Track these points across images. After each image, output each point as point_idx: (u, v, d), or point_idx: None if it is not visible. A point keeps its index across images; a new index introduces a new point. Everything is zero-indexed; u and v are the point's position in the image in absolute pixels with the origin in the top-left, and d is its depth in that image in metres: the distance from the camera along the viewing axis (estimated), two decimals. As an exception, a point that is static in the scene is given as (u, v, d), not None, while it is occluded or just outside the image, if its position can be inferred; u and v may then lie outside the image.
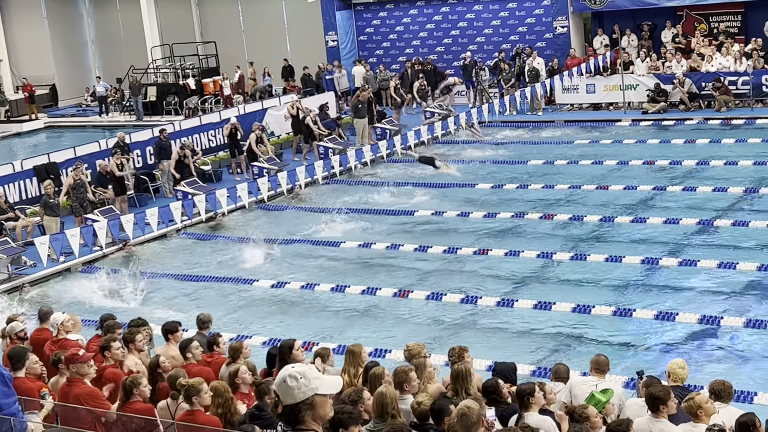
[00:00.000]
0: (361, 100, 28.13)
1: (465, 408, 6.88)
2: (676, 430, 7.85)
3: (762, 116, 26.36)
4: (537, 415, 7.97)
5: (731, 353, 12.83)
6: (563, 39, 32.55)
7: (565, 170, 23.61)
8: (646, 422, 8.04)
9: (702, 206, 19.45)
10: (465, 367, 8.62)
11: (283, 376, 4.56)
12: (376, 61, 35.89)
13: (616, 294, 15.46)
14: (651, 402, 8.11)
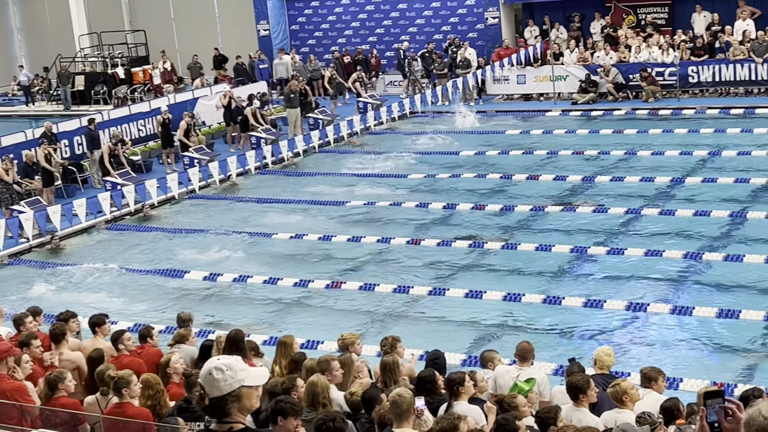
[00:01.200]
0: (292, 90, 28.02)
1: (396, 396, 6.92)
2: (593, 418, 7.96)
3: (688, 107, 26.87)
4: (466, 404, 8.03)
5: (658, 340, 13.07)
6: (494, 30, 32.79)
7: (496, 160, 23.81)
8: (568, 411, 8.15)
9: (630, 195, 19.76)
10: (393, 359, 8.66)
11: (208, 368, 4.54)
12: (309, 51, 35.77)
13: (545, 282, 15.64)
14: (571, 391, 8.23)
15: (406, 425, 6.83)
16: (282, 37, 36.68)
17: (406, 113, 29.34)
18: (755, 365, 12.01)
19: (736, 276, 14.91)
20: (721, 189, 19.43)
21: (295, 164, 25.25)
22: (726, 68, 27.46)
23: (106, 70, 37.64)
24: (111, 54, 38.38)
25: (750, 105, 26.16)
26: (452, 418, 6.96)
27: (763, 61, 26.89)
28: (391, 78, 34.25)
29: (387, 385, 8.34)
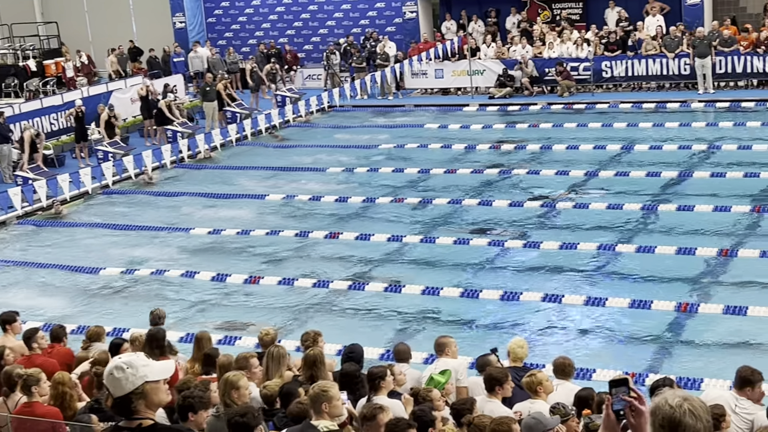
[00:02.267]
0: (208, 83, 27.73)
1: (317, 389, 6.89)
2: (505, 410, 8.05)
3: (602, 101, 27.33)
4: (386, 398, 8.05)
5: (572, 331, 13.26)
6: (412, 24, 32.91)
7: (414, 154, 23.91)
8: (480, 402, 8.22)
9: (545, 188, 20.02)
10: (318, 352, 8.63)
11: (109, 368, 4.47)
12: (226, 44, 35.41)
13: (463, 275, 15.76)
14: (488, 382, 8.31)
15: (321, 418, 6.81)
16: (198, 30, 36.26)
17: (324, 107, 29.28)
18: (666, 355, 12.27)
19: (648, 267, 15.22)
20: (633, 182, 19.80)
21: (211, 158, 24.97)
22: (638, 63, 28.02)
23: (17, 62, 36.69)
24: (22, 46, 37.43)
25: (662, 99, 26.73)
26: (374, 407, 6.98)
27: (674, 57, 27.49)
28: (310, 72, 34.13)
29: (312, 379, 8.30)
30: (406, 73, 30.76)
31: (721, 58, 26.82)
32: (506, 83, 29.12)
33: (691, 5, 29.17)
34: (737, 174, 19.43)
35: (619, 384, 3.81)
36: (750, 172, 19.42)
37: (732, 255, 15.20)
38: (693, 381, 10.89)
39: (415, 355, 11.40)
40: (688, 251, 15.43)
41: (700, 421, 3.36)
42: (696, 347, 12.42)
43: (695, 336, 12.73)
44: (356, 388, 8.27)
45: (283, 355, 8.83)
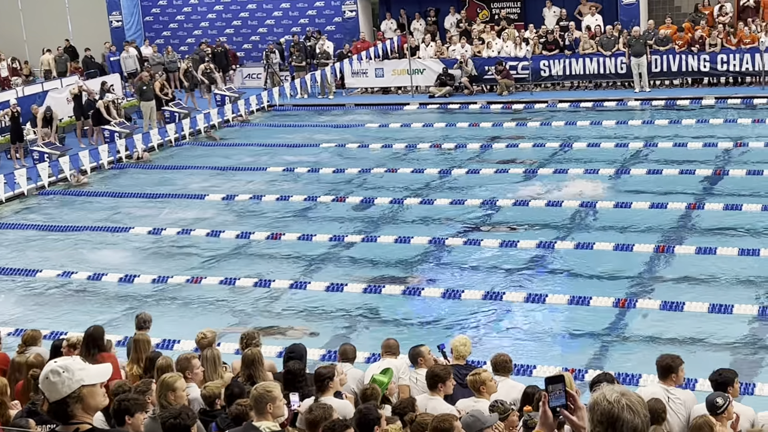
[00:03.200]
0: (144, 82, 27.42)
1: (261, 389, 6.85)
2: (448, 407, 8.10)
3: (540, 100, 27.59)
4: (334, 399, 8.04)
5: (513, 328, 13.37)
6: (352, 23, 32.89)
7: (355, 153, 23.91)
8: (422, 399, 8.26)
9: (486, 187, 20.14)
10: (256, 351, 8.58)
11: (45, 372, 4.40)
12: (164, 43, 35.03)
13: (406, 273, 15.80)
14: (430, 379, 8.34)
15: (263, 419, 6.78)
16: (136, 29, 35.81)
17: (264, 106, 29.14)
18: (605, 350, 12.43)
19: (586, 264, 15.40)
20: (569, 179, 20.01)
21: (145, 159, 24.61)
22: (576, 62, 28.33)
23: (-52, 61, 35.87)
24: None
25: (599, 98, 27.05)
26: (325, 407, 6.98)
27: (611, 55, 27.84)
28: (250, 71, 33.93)
29: (250, 379, 8.25)
30: (347, 72, 30.73)
31: (656, 57, 27.23)
32: (446, 82, 29.24)
33: (626, 5, 29.58)
34: (673, 171, 19.75)
35: (555, 381, 3.84)
36: (685, 170, 19.76)
37: (669, 251, 15.46)
38: (631, 377, 11.05)
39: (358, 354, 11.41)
40: (625, 248, 15.65)
41: (638, 416, 3.40)
42: (634, 343, 12.60)
43: (633, 332, 12.91)
44: (301, 386, 8.24)
45: (218, 357, 8.77)
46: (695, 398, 8.40)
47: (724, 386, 8.14)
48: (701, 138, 22.19)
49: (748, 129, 22.82)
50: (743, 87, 26.68)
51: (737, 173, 19.25)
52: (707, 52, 26.88)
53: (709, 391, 8.15)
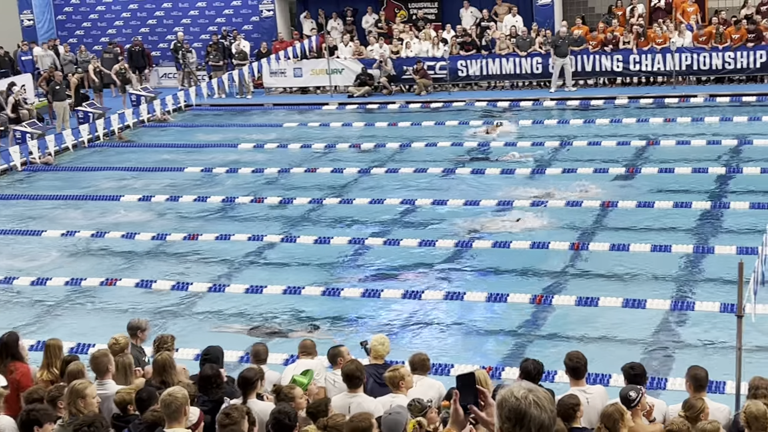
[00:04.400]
0: (58, 82, 26.87)
1: (168, 395, 6.76)
2: (373, 402, 8.13)
3: (458, 99, 27.79)
4: (259, 402, 8.01)
5: (431, 326, 13.42)
6: (269, 22, 32.72)
7: (274, 153, 23.78)
8: (343, 398, 8.28)
9: (405, 187, 20.22)
10: (167, 356, 8.47)
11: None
12: (77, 42, 34.36)
13: (325, 274, 15.76)
14: (349, 379, 8.35)
15: (178, 425, 6.68)
16: (48, 28, 35.06)
17: (181, 106, 28.81)
18: (522, 347, 12.56)
19: (504, 261, 15.56)
20: (489, 179, 20.21)
21: (52, 162, 24.04)
22: (493, 62, 28.62)
23: None
24: None
25: (516, 98, 27.36)
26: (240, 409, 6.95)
27: (526, 56, 28.19)
28: (166, 70, 33.50)
29: (165, 384, 8.13)
30: (265, 71, 30.54)
31: (571, 57, 27.65)
32: (365, 82, 29.28)
33: (542, 5, 29.99)
34: (588, 170, 20.06)
35: (466, 378, 3.87)
36: (600, 168, 20.11)
37: (583, 248, 15.70)
38: (547, 373, 11.16)
39: (275, 356, 11.37)
40: (542, 245, 15.85)
41: (545, 412, 3.44)
42: (550, 338, 12.75)
43: (550, 328, 13.08)
44: (214, 390, 8.16)
45: (129, 364, 8.63)
46: (607, 393, 8.56)
47: (636, 380, 8.31)
48: (615, 137, 22.61)
49: (660, 128, 23.31)
50: (655, 87, 27.27)
51: (649, 171, 19.65)
52: (620, 52, 27.41)
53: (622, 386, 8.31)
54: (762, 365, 11.06)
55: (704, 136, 22.05)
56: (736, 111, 24.15)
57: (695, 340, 12.32)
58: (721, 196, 17.90)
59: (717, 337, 12.19)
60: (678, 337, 12.52)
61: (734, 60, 26.46)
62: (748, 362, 10.74)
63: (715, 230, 16.21)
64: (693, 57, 26.78)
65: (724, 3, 29.09)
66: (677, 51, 26.67)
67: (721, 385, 10.41)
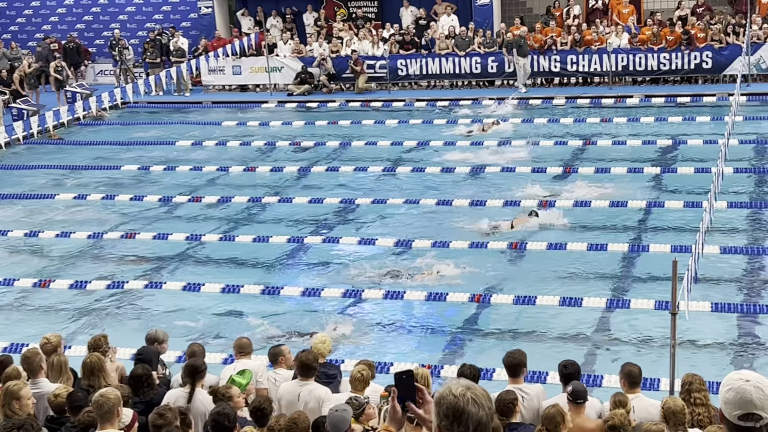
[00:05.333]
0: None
1: (100, 396, 6.66)
2: (323, 389, 8.32)
3: (398, 99, 27.83)
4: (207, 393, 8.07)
5: (371, 325, 13.40)
6: (208, 20, 32.44)
7: (213, 151, 23.59)
8: (294, 385, 8.41)
9: (345, 185, 20.19)
10: (96, 358, 8.35)
11: None
12: (10, 38, 33.72)
13: (264, 273, 15.68)
14: (303, 368, 8.48)
15: (110, 426, 6.58)
16: (-20, 22, 34.37)
17: (117, 103, 28.43)
18: (461, 345, 12.62)
19: (443, 260, 15.61)
20: (427, 177, 20.28)
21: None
22: (432, 62, 28.71)
23: None
24: None
25: (455, 97, 27.49)
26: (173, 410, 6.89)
27: (465, 55, 28.33)
28: (102, 67, 33.03)
29: (93, 387, 8.01)
30: (203, 69, 30.27)
31: (510, 57, 27.83)
32: (305, 80, 29.18)
33: (481, 5, 30.17)
34: (526, 169, 20.22)
35: (403, 376, 3.87)
36: (537, 168, 20.28)
37: (521, 247, 15.81)
38: (486, 371, 11.23)
39: (214, 356, 11.28)
40: (480, 245, 15.93)
41: (483, 409, 3.45)
42: (489, 337, 12.82)
43: (489, 326, 13.16)
44: (145, 391, 8.07)
45: (64, 363, 8.49)
46: (545, 391, 8.65)
47: (570, 377, 8.40)
48: (553, 137, 22.83)
49: (597, 128, 23.58)
50: (592, 87, 27.59)
51: (586, 171, 19.87)
52: (558, 53, 27.69)
53: (557, 384, 8.39)
54: (696, 361, 11.27)
55: (640, 136, 22.38)
56: (670, 111, 24.55)
57: (631, 337, 12.48)
58: (656, 195, 18.17)
59: (652, 335, 12.37)
60: (613, 335, 12.68)
61: (669, 61, 26.90)
62: (687, 358, 10.97)
63: (650, 229, 16.44)
64: (629, 58, 27.15)
65: (659, 5, 29.55)
66: (613, 52, 27.02)
67: (656, 382, 10.58)
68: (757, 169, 19.28)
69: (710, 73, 26.79)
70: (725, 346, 12.16)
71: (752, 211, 16.93)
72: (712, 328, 12.49)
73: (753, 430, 3.59)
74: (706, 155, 19.71)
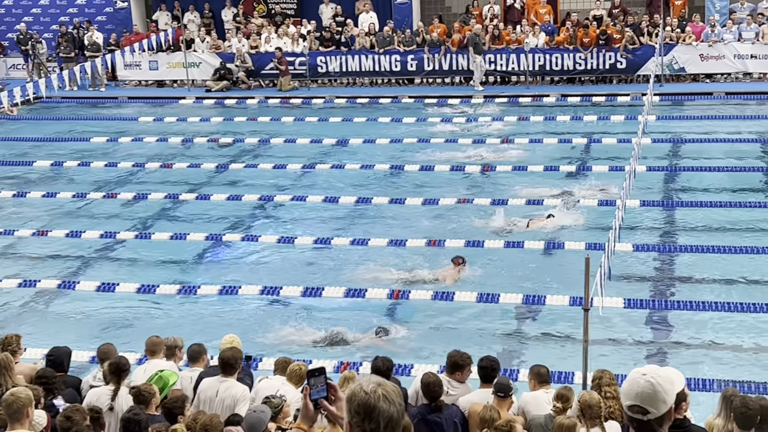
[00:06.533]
0: None
1: (10, 396, 6.50)
2: (241, 388, 8.31)
3: (318, 96, 27.74)
4: None
5: (289, 323, 13.30)
6: (124, 14, 31.91)
7: (129, 148, 23.22)
8: (214, 381, 8.41)
9: (263, 183, 20.07)
10: (3, 357, 8.16)
11: None
12: None
13: (181, 272, 15.49)
14: (224, 365, 8.47)
15: (20, 427, 6.43)
16: None
17: (30, 98, 27.78)
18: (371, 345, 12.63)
19: (358, 258, 15.62)
20: (348, 175, 20.27)
21: None
22: (352, 59, 28.70)
23: None
24: None
25: (375, 95, 27.51)
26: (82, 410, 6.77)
27: (384, 53, 28.38)
28: (14, 60, 32.25)
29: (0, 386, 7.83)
30: (119, 64, 29.77)
31: (429, 56, 27.99)
32: (224, 76, 28.91)
33: (400, 4, 30.26)
34: (444, 168, 20.34)
35: (316, 374, 3.89)
36: (456, 166, 20.41)
37: (439, 245, 15.90)
38: (404, 367, 11.29)
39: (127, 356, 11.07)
40: (398, 243, 15.98)
41: (393, 405, 3.46)
42: (408, 332, 12.85)
43: (407, 322, 13.19)
44: (52, 390, 7.93)
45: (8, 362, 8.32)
46: (469, 386, 8.74)
47: (489, 374, 8.51)
48: (471, 135, 23.01)
49: (515, 127, 23.82)
50: (509, 86, 27.90)
51: (504, 169, 20.08)
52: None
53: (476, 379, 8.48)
54: (609, 357, 11.49)
55: (556, 134, 22.70)
56: (586, 111, 24.95)
57: (546, 332, 12.64)
58: (571, 192, 18.42)
59: (566, 330, 12.55)
60: (529, 331, 12.84)
61: (585, 61, 27.34)
62: (602, 354, 11.18)
63: (565, 226, 16.66)
64: (546, 58, 27.52)
65: (575, 5, 30.02)
66: (531, 52, 27.36)
67: (570, 376, 10.74)
68: (669, 168, 19.72)
69: (625, 74, 27.33)
70: (637, 342, 12.41)
71: (664, 208, 17.30)
72: (624, 324, 12.74)
73: (642, 422, 3.68)
74: (619, 153, 20.09)
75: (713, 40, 26.47)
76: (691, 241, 15.65)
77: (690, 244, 15.52)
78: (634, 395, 3.69)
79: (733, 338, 12.24)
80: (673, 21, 27.19)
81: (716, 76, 26.99)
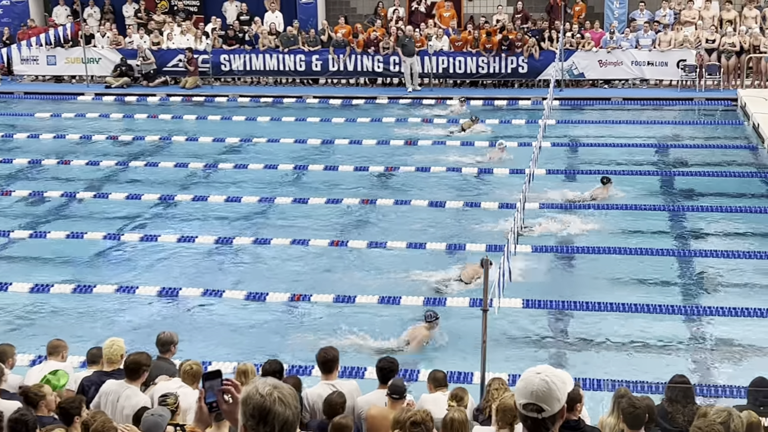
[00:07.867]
0: None
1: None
2: (143, 396, 8.16)
3: (221, 94, 27.46)
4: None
5: (187, 324, 13.15)
6: (21, 7, 31.05)
7: (24, 144, 22.63)
8: (118, 385, 8.24)
9: (164, 181, 19.79)
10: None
11: None
12: None
13: (77, 271, 15.17)
14: (130, 370, 8.31)
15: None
16: None
17: None
18: (282, 342, 12.58)
19: (263, 259, 15.55)
20: (251, 174, 20.12)
21: None
22: (256, 58, 28.51)
23: None
24: None
25: (279, 94, 27.37)
26: None
27: (289, 52, 28.27)
28: None
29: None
30: (15, 58, 28.96)
31: (334, 56, 27.98)
32: (124, 73, 28.40)
33: (305, 3, 30.16)
34: (349, 168, 20.36)
35: (212, 377, 3.88)
36: (359, 166, 20.46)
37: (342, 245, 15.91)
38: (304, 368, 11.27)
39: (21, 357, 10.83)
40: (302, 242, 15.95)
41: (289, 408, 3.46)
42: (307, 335, 12.82)
43: (310, 324, 13.18)
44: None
45: None
46: (359, 388, 8.77)
47: (387, 375, 8.56)
48: (375, 136, 23.07)
49: (418, 128, 23.96)
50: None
51: (408, 170, 20.20)
52: (381, 54, 28.00)
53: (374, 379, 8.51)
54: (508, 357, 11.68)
55: (458, 137, 22.86)
56: (488, 114, 25.25)
57: (447, 333, 12.74)
58: (473, 195, 18.64)
59: (466, 331, 12.67)
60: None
61: (487, 65, 27.68)
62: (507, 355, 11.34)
63: (466, 229, 16.85)
64: (449, 61, 27.79)
65: (479, 9, 30.38)
66: (435, 54, 27.58)
67: (469, 376, 10.87)
68: (567, 171, 20.12)
69: (526, 78, 27.77)
70: (537, 341, 12.63)
71: (561, 210, 17.62)
72: (523, 324, 12.95)
73: (537, 420, 3.75)
74: (520, 156, 20.40)
75: (612, 47, 27.10)
76: (588, 243, 15.97)
77: (587, 245, 15.84)
78: (529, 393, 3.75)
79: (629, 338, 12.55)
80: (574, 27, 27.74)
81: (614, 82, 27.66)
